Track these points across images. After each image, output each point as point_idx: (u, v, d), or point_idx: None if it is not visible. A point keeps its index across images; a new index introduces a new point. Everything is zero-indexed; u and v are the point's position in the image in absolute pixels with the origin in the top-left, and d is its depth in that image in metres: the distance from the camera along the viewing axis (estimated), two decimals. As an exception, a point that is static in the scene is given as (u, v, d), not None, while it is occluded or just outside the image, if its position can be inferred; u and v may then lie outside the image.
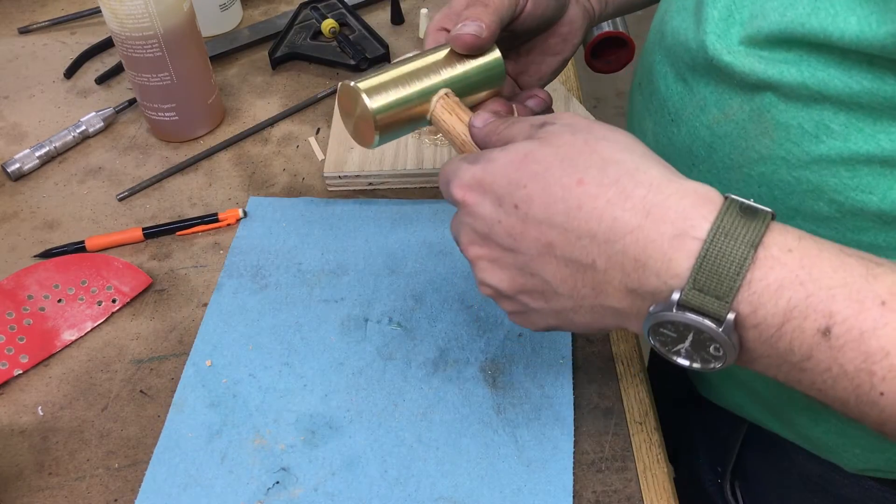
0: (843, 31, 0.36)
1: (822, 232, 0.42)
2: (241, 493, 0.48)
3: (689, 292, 0.33)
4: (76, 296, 0.59)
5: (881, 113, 0.38)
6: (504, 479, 0.48)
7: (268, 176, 0.69)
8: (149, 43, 0.66)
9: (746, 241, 0.33)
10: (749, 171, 0.44)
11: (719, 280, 0.33)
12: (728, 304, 0.33)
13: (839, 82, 0.38)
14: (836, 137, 0.39)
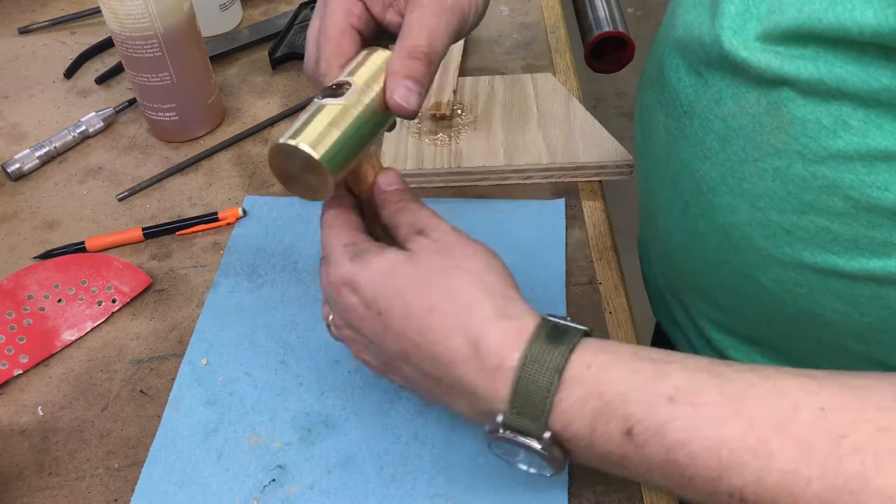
0: (860, 25, 0.36)
1: (837, 227, 0.42)
2: (238, 491, 0.48)
3: (509, 415, 0.38)
4: (76, 296, 0.59)
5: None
6: (500, 476, 0.48)
7: (268, 176, 0.69)
8: (149, 43, 0.66)
9: (551, 367, 0.37)
10: (763, 164, 0.44)
11: (532, 404, 0.37)
12: (543, 423, 0.37)
13: (857, 79, 0.38)
14: (854, 133, 0.39)
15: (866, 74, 0.38)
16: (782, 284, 0.46)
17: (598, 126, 0.68)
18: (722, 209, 0.47)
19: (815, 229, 0.42)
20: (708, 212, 0.48)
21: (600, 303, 0.57)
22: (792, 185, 0.43)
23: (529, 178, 0.65)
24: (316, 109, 0.42)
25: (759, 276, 0.47)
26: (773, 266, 0.46)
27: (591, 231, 0.62)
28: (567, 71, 0.79)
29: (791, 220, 0.43)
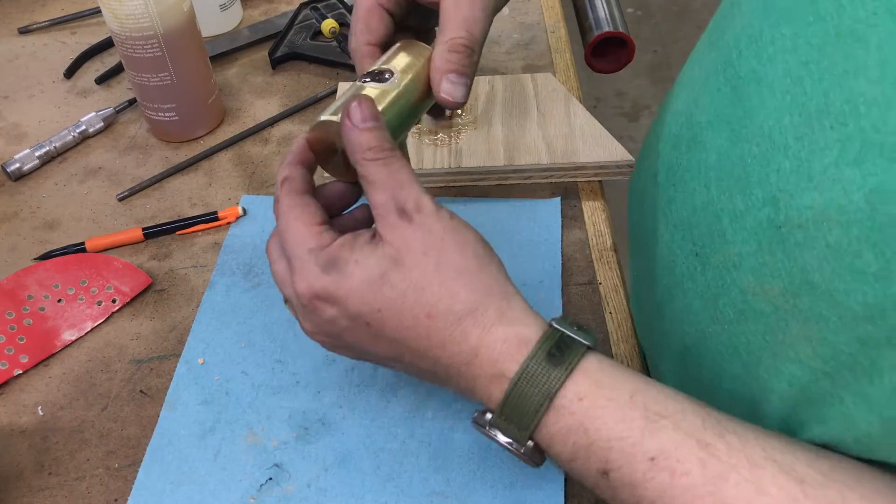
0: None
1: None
2: (234, 490, 0.48)
3: (497, 418, 0.38)
4: (76, 296, 0.59)
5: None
6: (496, 474, 0.48)
7: (268, 176, 0.69)
8: (149, 43, 0.66)
9: (544, 390, 0.37)
10: (781, 366, 0.38)
11: (520, 416, 0.37)
12: (527, 435, 0.38)
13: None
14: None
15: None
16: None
17: (598, 126, 0.68)
18: (731, 377, 0.42)
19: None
20: (716, 378, 0.44)
21: (600, 303, 0.57)
22: (813, 395, 0.37)
23: (529, 178, 0.65)
24: (356, 91, 0.43)
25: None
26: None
27: (591, 231, 0.62)
28: (567, 71, 0.79)
29: (808, 417, 0.38)
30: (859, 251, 0.30)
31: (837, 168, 0.31)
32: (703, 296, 0.43)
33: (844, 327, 0.33)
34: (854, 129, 0.30)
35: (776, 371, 0.38)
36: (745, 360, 0.41)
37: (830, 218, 0.31)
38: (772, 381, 0.39)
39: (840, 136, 0.30)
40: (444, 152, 0.66)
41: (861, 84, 0.29)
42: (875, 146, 0.29)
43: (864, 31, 0.29)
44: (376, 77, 0.44)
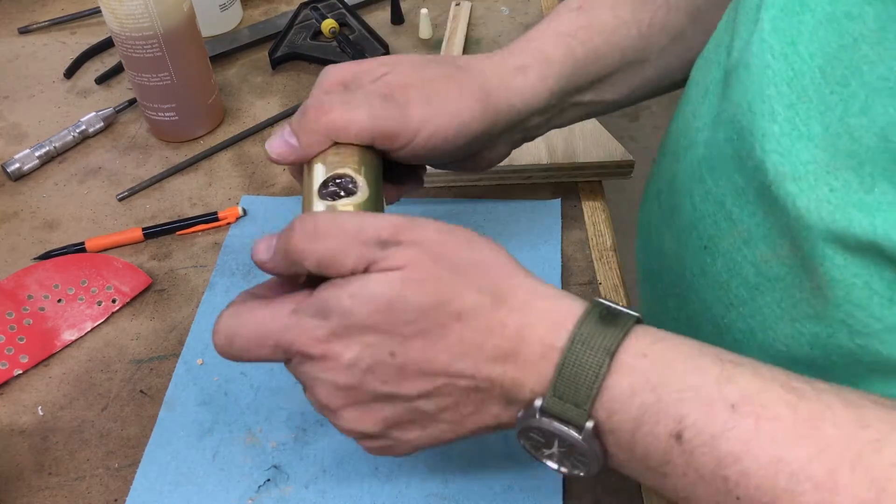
0: None
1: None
2: (233, 491, 0.48)
3: (549, 399, 0.34)
4: (76, 296, 0.59)
5: None
6: (494, 475, 0.48)
7: (268, 176, 0.69)
8: (149, 43, 0.66)
9: (602, 348, 0.33)
10: (801, 327, 0.37)
11: (577, 388, 0.33)
12: (586, 411, 0.33)
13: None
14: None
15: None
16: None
17: (598, 126, 0.67)
18: None
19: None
20: None
21: (600, 303, 0.57)
22: (837, 357, 0.36)
23: (529, 178, 0.65)
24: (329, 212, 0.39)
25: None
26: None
27: (591, 231, 0.62)
28: (567, 71, 0.79)
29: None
30: (872, 185, 0.32)
31: (842, 121, 0.32)
32: (715, 286, 0.42)
33: (851, 262, 0.33)
34: (857, 86, 0.32)
35: (795, 338, 0.37)
36: (760, 339, 0.40)
37: (839, 165, 0.32)
38: (792, 350, 0.38)
39: (843, 95, 0.32)
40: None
41: (864, 50, 0.32)
42: (883, 91, 0.30)
43: (859, 11, 0.32)
44: (337, 186, 0.39)
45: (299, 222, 0.36)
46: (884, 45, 0.31)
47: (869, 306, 0.33)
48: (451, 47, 0.79)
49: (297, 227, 0.36)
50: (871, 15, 0.32)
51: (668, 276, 0.49)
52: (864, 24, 0.32)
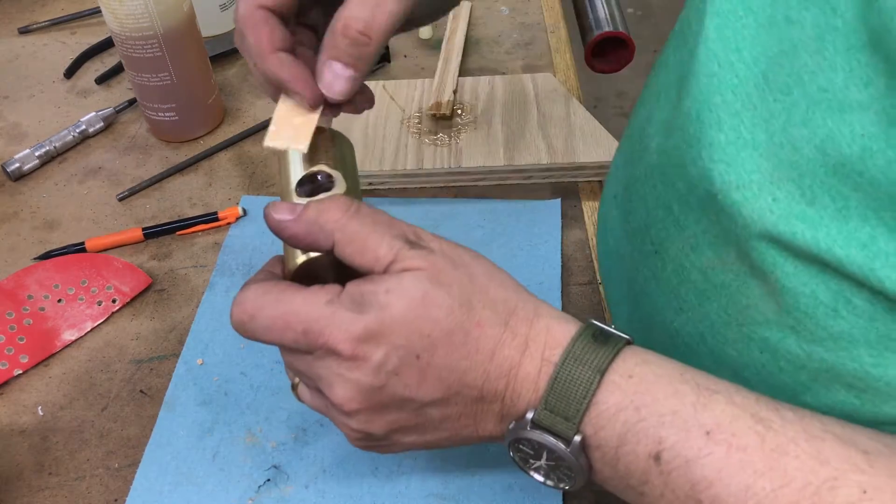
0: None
1: (838, 411, 0.36)
2: (233, 491, 0.48)
3: (541, 412, 0.35)
4: (76, 296, 0.59)
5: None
6: (494, 476, 0.48)
7: (268, 176, 0.69)
8: (149, 43, 0.66)
9: (594, 366, 0.34)
10: (749, 332, 0.38)
11: (567, 402, 0.34)
12: (575, 425, 0.34)
13: (857, 265, 0.32)
14: (860, 315, 0.33)
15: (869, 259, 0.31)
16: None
17: (598, 126, 0.68)
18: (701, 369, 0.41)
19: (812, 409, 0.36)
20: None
21: (600, 303, 0.57)
22: (784, 363, 0.38)
23: (529, 178, 0.65)
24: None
25: None
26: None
27: (591, 231, 0.62)
28: (567, 71, 0.79)
29: (783, 398, 0.36)
30: (812, 198, 0.32)
31: (785, 131, 0.33)
32: (666, 291, 0.43)
33: (800, 270, 0.34)
34: (799, 95, 0.32)
35: (745, 343, 0.38)
36: (710, 344, 0.41)
37: (782, 176, 0.33)
38: (742, 356, 0.39)
39: (786, 104, 0.33)
40: (444, 152, 0.66)
41: (803, 58, 0.32)
42: (821, 104, 0.31)
43: (798, 14, 0.32)
44: (312, 183, 0.39)
45: (338, 200, 0.37)
46: (822, 54, 0.31)
47: (815, 315, 0.34)
48: (450, 47, 0.79)
49: (336, 203, 0.36)
50: (810, 21, 0.32)
51: (622, 279, 0.49)
52: (802, 29, 0.32)
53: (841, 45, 0.31)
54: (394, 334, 0.35)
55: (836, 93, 0.31)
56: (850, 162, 0.30)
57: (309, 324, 0.35)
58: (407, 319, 0.35)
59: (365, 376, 0.35)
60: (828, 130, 0.31)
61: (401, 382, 0.35)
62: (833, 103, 0.31)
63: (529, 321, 0.36)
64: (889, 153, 0.29)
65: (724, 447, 0.32)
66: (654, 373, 0.35)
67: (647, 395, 0.34)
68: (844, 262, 0.31)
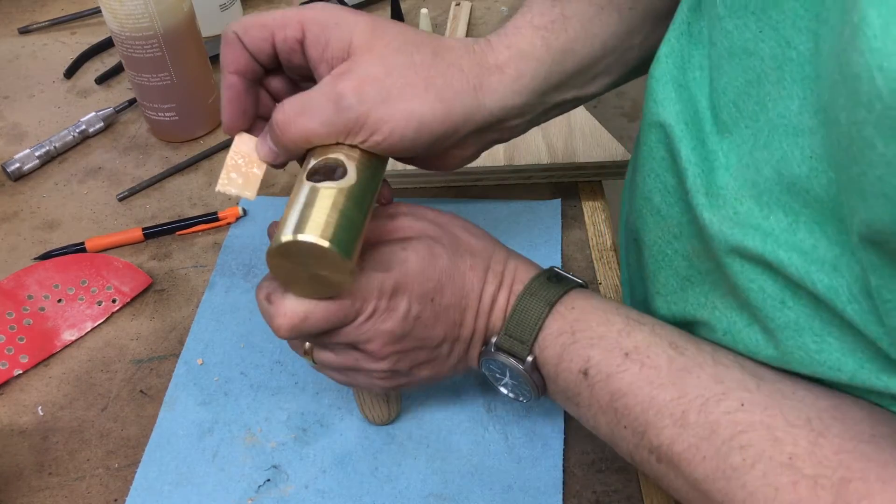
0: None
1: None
2: (233, 491, 0.48)
3: (502, 337, 0.43)
4: (76, 296, 0.59)
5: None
6: (494, 476, 0.48)
7: (268, 176, 0.69)
8: (149, 43, 0.66)
9: (544, 299, 0.42)
10: (721, 315, 0.40)
11: (522, 328, 0.42)
12: (527, 347, 0.42)
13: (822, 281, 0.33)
14: (807, 304, 0.35)
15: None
16: None
17: (598, 126, 0.67)
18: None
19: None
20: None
21: (600, 303, 0.57)
22: (743, 346, 0.39)
23: (529, 178, 0.65)
24: (310, 193, 0.38)
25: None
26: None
27: (591, 231, 0.62)
28: (567, 71, 0.79)
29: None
30: (768, 214, 0.35)
31: (751, 154, 0.36)
32: (643, 275, 0.47)
33: (746, 268, 0.37)
34: (764, 122, 0.35)
35: (712, 324, 0.41)
36: (680, 327, 0.43)
37: (745, 194, 0.36)
38: (708, 336, 0.42)
39: (753, 130, 0.36)
40: (444, 152, 0.66)
41: (767, 87, 0.35)
42: (780, 128, 0.34)
43: (754, 46, 0.35)
44: (326, 170, 0.39)
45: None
46: (782, 84, 0.34)
47: (764, 307, 0.36)
48: (451, 47, 0.79)
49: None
50: (767, 52, 0.34)
51: (623, 264, 0.55)
52: (762, 61, 0.35)
53: (797, 74, 0.33)
54: (414, 283, 0.41)
55: (792, 118, 0.33)
56: (800, 181, 0.33)
57: (355, 301, 0.40)
58: (421, 268, 0.42)
59: (395, 324, 0.41)
60: (783, 152, 0.34)
61: (422, 324, 0.42)
62: (789, 128, 0.33)
63: (504, 262, 0.44)
64: (830, 174, 0.31)
65: (637, 365, 0.39)
66: (592, 306, 0.42)
67: (583, 321, 0.41)
68: (786, 264, 0.34)
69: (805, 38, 0.32)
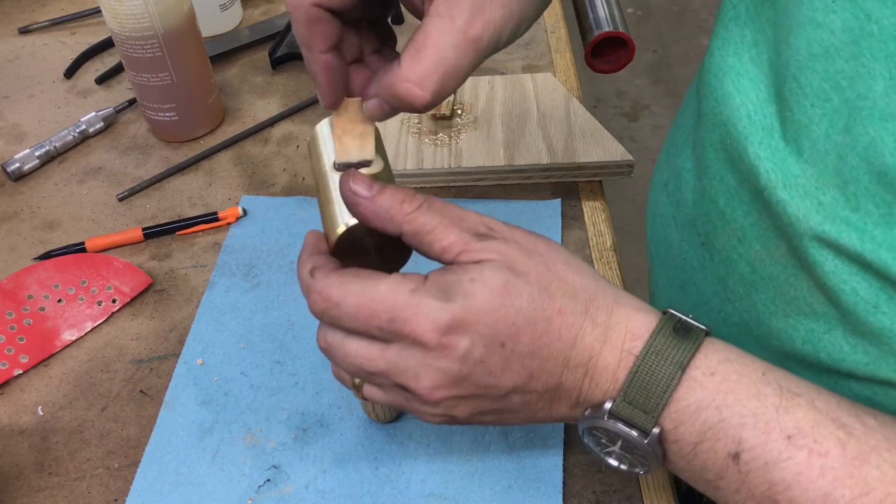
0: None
1: (880, 402, 0.37)
2: (233, 491, 0.48)
3: (619, 404, 0.35)
4: (76, 296, 0.59)
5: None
6: (494, 476, 0.48)
7: (268, 176, 0.69)
8: (149, 43, 0.66)
9: (675, 361, 0.35)
10: (797, 323, 0.39)
11: (647, 396, 0.35)
12: (654, 418, 0.35)
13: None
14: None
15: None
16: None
17: (598, 126, 0.67)
18: None
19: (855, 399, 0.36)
20: None
21: (600, 303, 0.57)
22: (824, 355, 0.38)
23: (529, 178, 0.65)
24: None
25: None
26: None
27: (591, 231, 0.62)
28: (567, 71, 0.79)
29: (827, 386, 0.36)
30: (857, 205, 0.32)
31: (828, 138, 0.33)
32: (713, 281, 0.43)
33: (840, 267, 0.34)
34: (839, 102, 0.32)
35: (789, 333, 0.38)
36: (756, 334, 0.41)
37: (827, 182, 0.33)
38: (785, 345, 0.39)
39: (826, 111, 0.33)
40: (444, 152, 0.66)
41: (839, 63, 0.31)
42: (863, 111, 0.31)
43: (823, 17, 0.32)
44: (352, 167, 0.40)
45: (412, 194, 0.37)
46: (860, 60, 0.31)
47: (855, 311, 0.34)
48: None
49: (410, 197, 0.37)
50: (839, 25, 0.32)
51: (671, 267, 0.49)
52: (832, 34, 0.32)
53: (878, 51, 0.30)
54: (480, 323, 0.35)
55: (877, 101, 0.31)
56: (893, 171, 0.30)
57: (395, 312, 0.35)
58: (492, 307, 0.35)
59: (452, 364, 0.35)
60: (870, 139, 0.31)
61: (486, 370, 0.36)
62: (874, 111, 0.31)
63: (609, 309, 0.36)
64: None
65: (804, 452, 0.33)
66: (736, 371, 0.35)
67: (730, 394, 0.34)
68: (889, 265, 0.32)
69: (890, 13, 0.30)
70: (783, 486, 0.33)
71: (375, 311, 0.35)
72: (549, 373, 0.36)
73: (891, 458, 0.32)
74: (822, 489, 0.32)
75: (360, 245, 0.39)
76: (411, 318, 0.35)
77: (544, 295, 0.36)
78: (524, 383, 0.36)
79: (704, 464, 0.35)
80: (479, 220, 0.37)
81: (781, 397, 0.34)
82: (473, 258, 0.36)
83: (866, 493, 0.32)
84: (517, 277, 0.35)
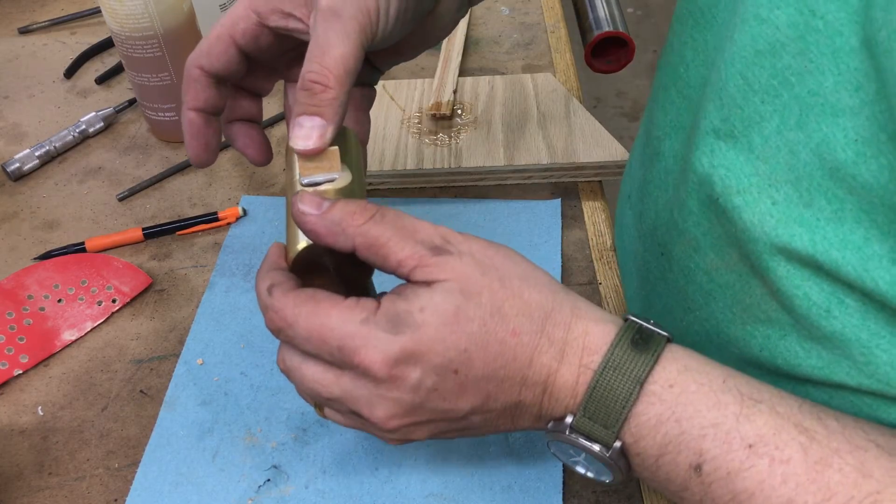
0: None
1: (835, 404, 0.36)
2: (233, 491, 0.48)
3: (580, 419, 0.35)
4: (76, 296, 0.59)
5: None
6: (494, 476, 0.48)
7: (268, 176, 0.69)
8: (149, 43, 0.66)
9: (633, 377, 0.34)
10: (753, 330, 0.39)
11: (607, 411, 0.35)
12: (615, 433, 0.35)
13: (854, 270, 0.32)
14: (853, 315, 0.34)
15: (863, 268, 0.32)
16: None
17: (598, 126, 0.67)
18: None
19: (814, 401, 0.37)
20: None
21: (600, 303, 0.57)
22: (781, 361, 0.38)
23: (529, 178, 0.65)
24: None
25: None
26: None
27: (591, 231, 0.62)
28: (567, 71, 0.79)
29: (786, 389, 0.36)
30: (810, 201, 0.32)
31: (780, 134, 0.33)
32: (674, 290, 0.44)
33: (792, 273, 0.34)
34: (789, 98, 0.32)
35: (747, 340, 0.39)
36: (716, 342, 0.42)
37: (780, 178, 0.33)
38: (744, 353, 0.40)
39: (775, 107, 0.33)
40: (444, 152, 0.66)
41: (786, 59, 0.31)
42: (814, 107, 0.31)
43: (767, 13, 0.32)
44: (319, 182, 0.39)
45: (364, 205, 0.36)
46: (807, 56, 0.31)
47: (808, 316, 0.34)
48: (450, 47, 0.79)
49: (359, 207, 0.36)
50: (784, 21, 0.31)
51: (637, 277, 0.50)
52: (777, 30, 0.32)
53: (825, 47, 0.30)
54: (430, 352, 0.34)
55: (828, 96, 0.31)
56: (845, 166, 0.30)
57: (344, 340, 0.35)
58: (442, 335, 0.34)
59: (404, 395, 0.35)
60: (822, 135, 0.31)
61: (440, 396, 0.36)
62: (826, 107, 0.31)
63: (566, 325, 0.36)
64: (881, 159, 0.29)
65: (766, 460, 0.33)
66: (696, 381, 0.35)
67: (689, 406, 0.34)
68: (840, 264, 0.32)
69: (835, 7, 0.30)
70: (746, 496, 0.33)
71: (325, 339, 0.35)
72: (506, 392, 0.36)
73: (853, 461, 0.32)
74: (785, 496, 0.32)
75: (319, 264, 0.39)
76: (360, 349, 0.34)
77: (496, 317, 0.35)
78: (482, 404, 0.36)
79: (668, 475, 0.35)
80: (434, 232, 0.36)
81: (742, 405, 0.34)
82: (427, 276, 0.35)
83: (828, 497, 0.31)
84: (468, 301, 0.35)
